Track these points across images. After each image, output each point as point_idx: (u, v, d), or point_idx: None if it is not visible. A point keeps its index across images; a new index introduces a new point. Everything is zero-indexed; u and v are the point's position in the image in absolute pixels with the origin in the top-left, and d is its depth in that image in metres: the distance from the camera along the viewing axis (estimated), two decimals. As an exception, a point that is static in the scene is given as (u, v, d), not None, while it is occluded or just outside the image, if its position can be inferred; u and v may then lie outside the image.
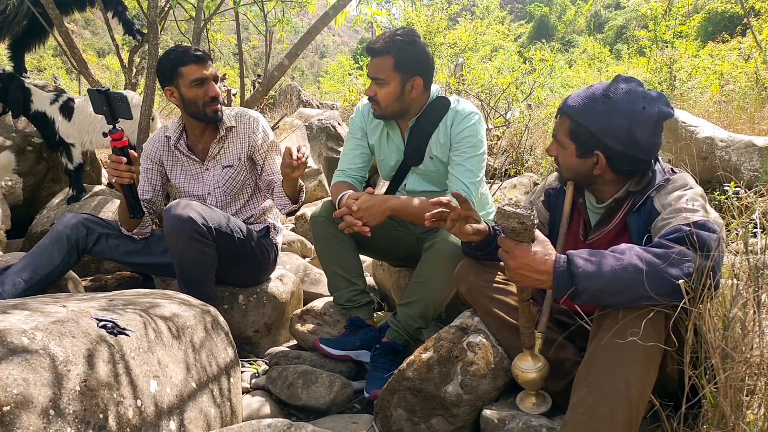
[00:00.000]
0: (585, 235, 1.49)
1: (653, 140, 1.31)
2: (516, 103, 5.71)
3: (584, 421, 1.10)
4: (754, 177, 3.02)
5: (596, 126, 1.32)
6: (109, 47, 22.57)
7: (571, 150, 1.38)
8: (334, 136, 6.20)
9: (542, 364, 1.33)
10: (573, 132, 1.36)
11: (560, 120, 1.41)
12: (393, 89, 1.91)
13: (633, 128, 1.29)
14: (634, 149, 1.30)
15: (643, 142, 1.30)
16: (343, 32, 60.04)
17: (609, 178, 1.39)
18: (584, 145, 1.35)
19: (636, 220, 1.35)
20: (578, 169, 1.40)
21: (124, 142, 1.80)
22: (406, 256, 2.17)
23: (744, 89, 5.39)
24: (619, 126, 1.29)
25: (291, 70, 14.35)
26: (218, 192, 2.18)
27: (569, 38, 28.97)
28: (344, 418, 1.67)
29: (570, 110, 1.37)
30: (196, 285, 1.91)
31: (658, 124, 1.31)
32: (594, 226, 1.47)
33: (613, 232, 1.42)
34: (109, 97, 1.73)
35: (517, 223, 1.17)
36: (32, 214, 3.29)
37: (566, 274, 1.15)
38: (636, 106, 1.29)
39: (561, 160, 1.44)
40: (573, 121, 1.36)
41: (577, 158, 1.38)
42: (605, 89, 1.33)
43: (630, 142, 1.30)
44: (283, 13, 4.11)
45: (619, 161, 1.33)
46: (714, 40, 11.05)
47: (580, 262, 1.15)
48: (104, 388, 1.04)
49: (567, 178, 1.46)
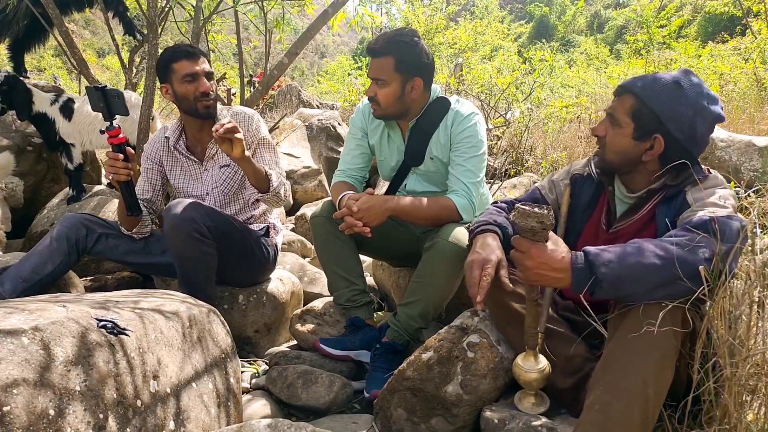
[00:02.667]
0: (608, 225, 1.46)
1: (707, 138, 1.32)
2: (516, 103, 5.71)
3: (599, 420, 1.08)
4: (754, 177, 3.02)
5: (663, 108, 1.30)
6: (109, 47, 22.57)
7: (628, 130, 1.34)
8: (334, 136, 6.20)
9: (544, 365, 1.32)
10: (636, 111, 1.33)
11: (622, 98, 1.36)
12: (393, 90, 1.91)
13: (696, 120, 1.29)
14: (691, 141, 1.30)
15: (699, 137, 1.30)
16: (343, 32, 60.06)
17: (651, 168, 1.37)
18: (645, 127, 1.32)
19: (665, 211, 1.33)
20: (629, 151, 1.36)
21: (120, 139, 1.80)
22: (406, 256, 2.17)
23: (744, 89, 5.38)
24: (684, 114, 1.29)
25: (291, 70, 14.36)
26: (216, 192, 2.18)
27: (569, 38, 28.97)
28: (344, 418, 1.67)
29: (638, 89, 1.33)
30: (196, 285, 1.91)
31: (714, 123, 1.32)
32: (620, 216, 1.43)
33: (638, 223, 1.40)
34: (105, 94, 1.73)
35: (536, 222, 1.16)
36: (32, 214, 3.29)
37: (584, 267, 1.14)
38: (701, 100, 1.30)
39: (611, 140, 1.38)
40: (639, 101, 1.32)
41: (633, 140, 1.34)
42: (675, 77, 1.32)
43: (690, 132, 1.30)
44: (283, 14, 4.11)
45: (674, 150, 1.32)
46: (714, 40, 11.06)
47: (598, 251, 1.15)
48: (104, 388, 1.04)
49: (609, 160, 1.41)
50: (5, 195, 3.23)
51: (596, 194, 1.50)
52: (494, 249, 1.34)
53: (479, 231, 1.43)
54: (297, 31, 7.37)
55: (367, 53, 1.95)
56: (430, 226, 1.92)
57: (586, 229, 1.50)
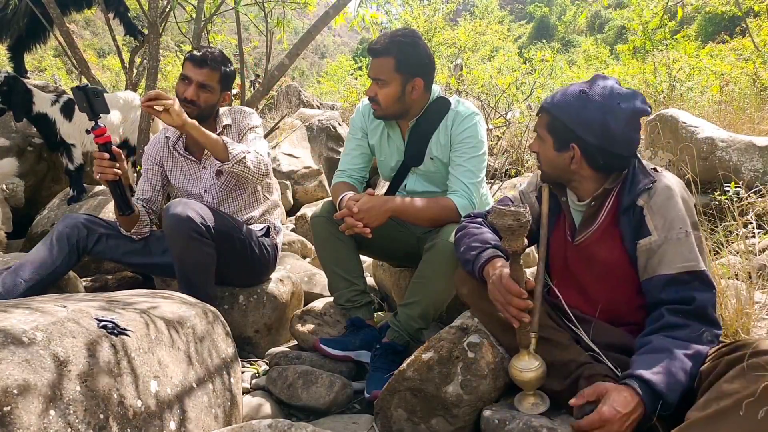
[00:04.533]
0: (572, 236, 1.49)
1: (629, 135, 1.35)
2: (516, 103, 5.72)
3: None
4: (754, 177, 3.02)
5: (570, 118, 1.37)
6: (109, 47, 22.57)
7: (549, 143, 1.44)
8: (334, 137, 6.20)
9: (539, 364, 1.32)
10: (550, 125, 1.43)
11: (541, 116, 1.46)
12: (393, 90, 1.91)
13: (607, 121, 1.33)
14: (608, 142, 1.34)
15: (618, 136, 1.33)
16: (343, 33, 60.07)
17: (586, 174, 1.42)
18: (561, 138, 1.40)
19: (627, 222, 1.37)
20: (556, 162, 1.44)
21: (106, 138, 1.80)
22: (406, 257, 2.17)
23: (744, 90, 5.38)
24: (592, 118, 1.34)
25: (291, 70, 14.35)
26: (214, 189, 2.19)
27: (569, 38, 28.97)
28: (344, 418, 1.67)
29: (548, 105, 1.43)
30: (196, 285, 1.91)
31: (633, 119, 1.35)
32: (579, 226, 1.47)
33: (599, 232, 1.43)
34: (87, 94, 1.73)
35: (512, 221, 1.20)
36: (32, 214, 3.30)
37: (650, 395, 1.16)
38: (610, 101, 1.34)
39: (541, 155, 1.48)
40: (550, 115, 1.42)
41: (555, 152, 1.43)
42: (581, 86, 1.40)
43: (604, 135, 1.34)
44: (284, 14, 4.12)
45: (595, 154, 1.37)
46: (714, 41, 11.05)
47: (653, 377, 1.16)
48: (105, 389, 1.04)
49: (547, 173, 1.49)
50: (6, 195, 3.23)
51: (556, 206, 1.54)
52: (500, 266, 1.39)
53: (484, 263, 1.44)
54: (297, 31, 7.35)
55: (368, 53, 1.96)
56: (431, 226, 1.92)
57: (552, 241, 1.54)
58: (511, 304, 1.30)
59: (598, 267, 1.44)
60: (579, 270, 1.49)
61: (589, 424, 1.17)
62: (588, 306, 1.46)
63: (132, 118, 3.43)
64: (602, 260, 1.43)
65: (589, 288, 1.47)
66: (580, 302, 1.47)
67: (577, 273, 1.49)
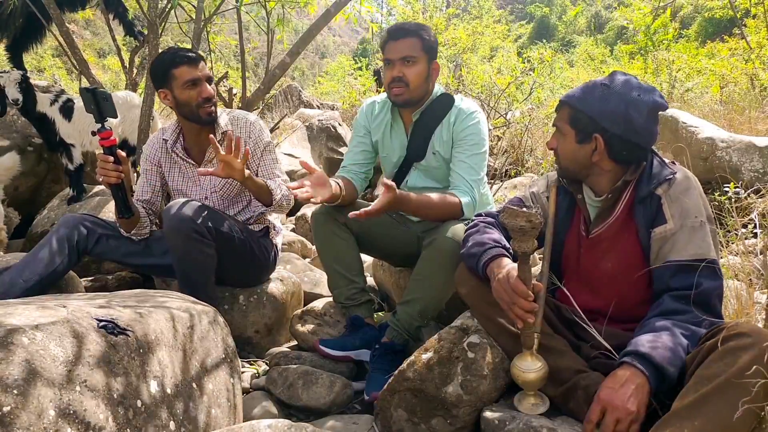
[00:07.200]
0: (587, 231, 1.50)
1: (649, 127, 1.36)
2: (516, 103, 5.71)
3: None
4: (754, 177, 3.01)
5: (594, 110, 1.38)
6: (109, 48, 22.57)
7: (570, 137, 1.44)
8: (334, 137, 6.20)
9: (541, 365, 1.32)
10: (572, 118, 1.43)
11: (561, 110, 1.47)
12: (422, 69, 1.97)
13: (629, 112, 1.34)
14: (631, 133, 1.36)
15: (639, 127, 1.35)
16: (344, 33, 60.07)
17: (606, 168, 1.43)
18: (583, 130, 1.41)
19: (642, 211, 1.39)
20: (577, 155, 1.44)
21: (111, 141, 1.79)
22: (406, 255, 2.17)
23: (744, 90, 5.38)
24: (615, 109, 1.35)
25: (291, 70, 14.35)
26: (215, 197, 2.18)
27: (570, 38, 28.97)
28: (344, 418, 1.67)
29: (569, 99, 1.44)
30: (196, 285, 1.91)
31: (652, 112, 1.36)
32: (594, 220, 1.48)
33: (615, 225, 1.44)
34: (96, 96, 1.73)
35: (525, 222, 1.19)
36: (33, 214, 3.30)
37: (653, 372, 1.17)
38: (631, 93, 1.36)
39: (561, 149, 1.48)
40: (572, 108, 1.43)
41: (577, 144, 1.43)
42: (602, 80, 1.41)
43: (627, 125, 1.35)
44: (284, 14, 4.12)
45: (617, 145, 1.38)
46: (714, 41, 11.05)
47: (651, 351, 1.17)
48: (105, 389, 1.04)
49: (566, 168, 1.49)
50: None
51: (572, 204, 1.55)
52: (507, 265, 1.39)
53: (489, 259, 1.44)
54: (297, 31, 7.34)
55: (391, 36, 1.97)
56: (433, 220, 1.92)
57: (567, 239, 1.54)
58: (517, 305, 1.30)
59: (612, 260, 1.44)
60: (591, 266, 1.49)
61: (593, 416, 1.18)
62: (598, 303, 1.46)
63: (131, 118, 3.43)
64: (616, 253, 1.43)
65: (600, 285, 1.48)
66: (589, 301, 1.47)
67: (588, 270, 1.50)
